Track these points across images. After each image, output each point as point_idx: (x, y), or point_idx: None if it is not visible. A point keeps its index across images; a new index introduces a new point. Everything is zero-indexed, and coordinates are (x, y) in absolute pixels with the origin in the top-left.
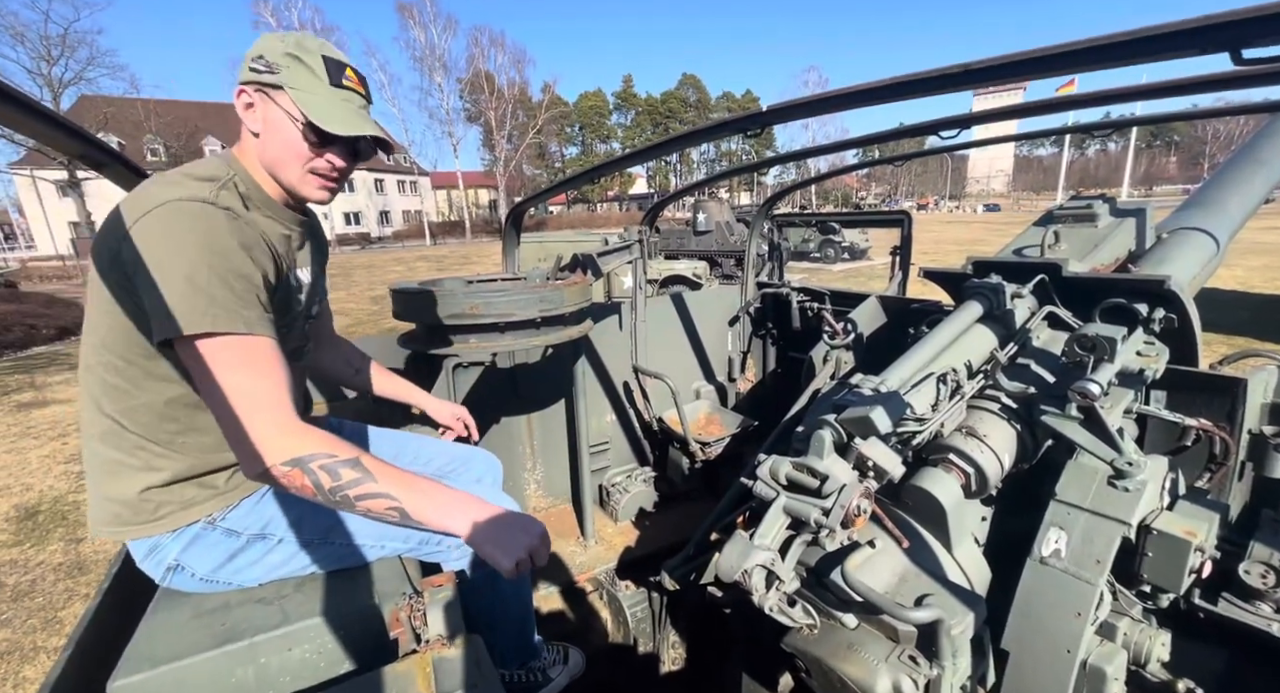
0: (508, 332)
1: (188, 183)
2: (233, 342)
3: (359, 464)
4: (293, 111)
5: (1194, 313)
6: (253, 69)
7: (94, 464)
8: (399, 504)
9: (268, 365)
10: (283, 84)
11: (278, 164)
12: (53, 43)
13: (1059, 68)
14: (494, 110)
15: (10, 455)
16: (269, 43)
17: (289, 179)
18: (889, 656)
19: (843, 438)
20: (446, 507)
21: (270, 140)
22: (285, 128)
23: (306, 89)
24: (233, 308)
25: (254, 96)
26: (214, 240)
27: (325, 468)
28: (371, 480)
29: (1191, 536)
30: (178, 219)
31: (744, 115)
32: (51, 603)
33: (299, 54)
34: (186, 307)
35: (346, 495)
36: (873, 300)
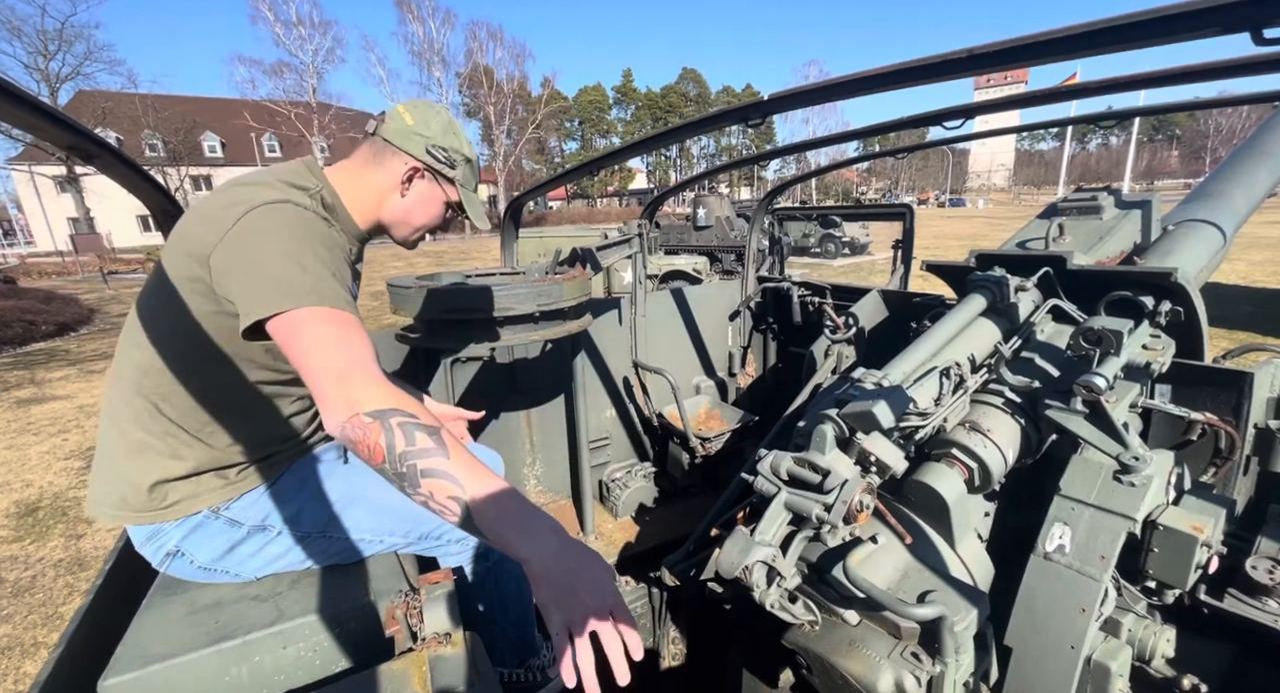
0: (506, 327)
1: (284, 188)
2: (333, 313)
3: (436, 433)
4: (451, 199)
5: (1201, 306)
6: (432, 154)
7: (117, 445)
8: (462, 496)
9: (357, 330)
10: (456, 180)
11: (406, 224)
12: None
13: (1069, 51)
14: (493, 105)
15: (10, 452)
16: (449, 137)
17: (404, 235)
18: (891, 652)
19: (845, 433)
20: (518, 521)
21: (417, 208)
22: (438, 205)
23: (467, 186)
24: (334, 288)
25: (428, 175)
26: (316, 234)
27: (403, 427)
28: (444, 456)
29: (1198, 531)
30: (281, 215)
31: (745, 105)
32: (52, 599)
33: (471, 158)
34: (291, 285)
35: (414, 466)
36: (874, 294)
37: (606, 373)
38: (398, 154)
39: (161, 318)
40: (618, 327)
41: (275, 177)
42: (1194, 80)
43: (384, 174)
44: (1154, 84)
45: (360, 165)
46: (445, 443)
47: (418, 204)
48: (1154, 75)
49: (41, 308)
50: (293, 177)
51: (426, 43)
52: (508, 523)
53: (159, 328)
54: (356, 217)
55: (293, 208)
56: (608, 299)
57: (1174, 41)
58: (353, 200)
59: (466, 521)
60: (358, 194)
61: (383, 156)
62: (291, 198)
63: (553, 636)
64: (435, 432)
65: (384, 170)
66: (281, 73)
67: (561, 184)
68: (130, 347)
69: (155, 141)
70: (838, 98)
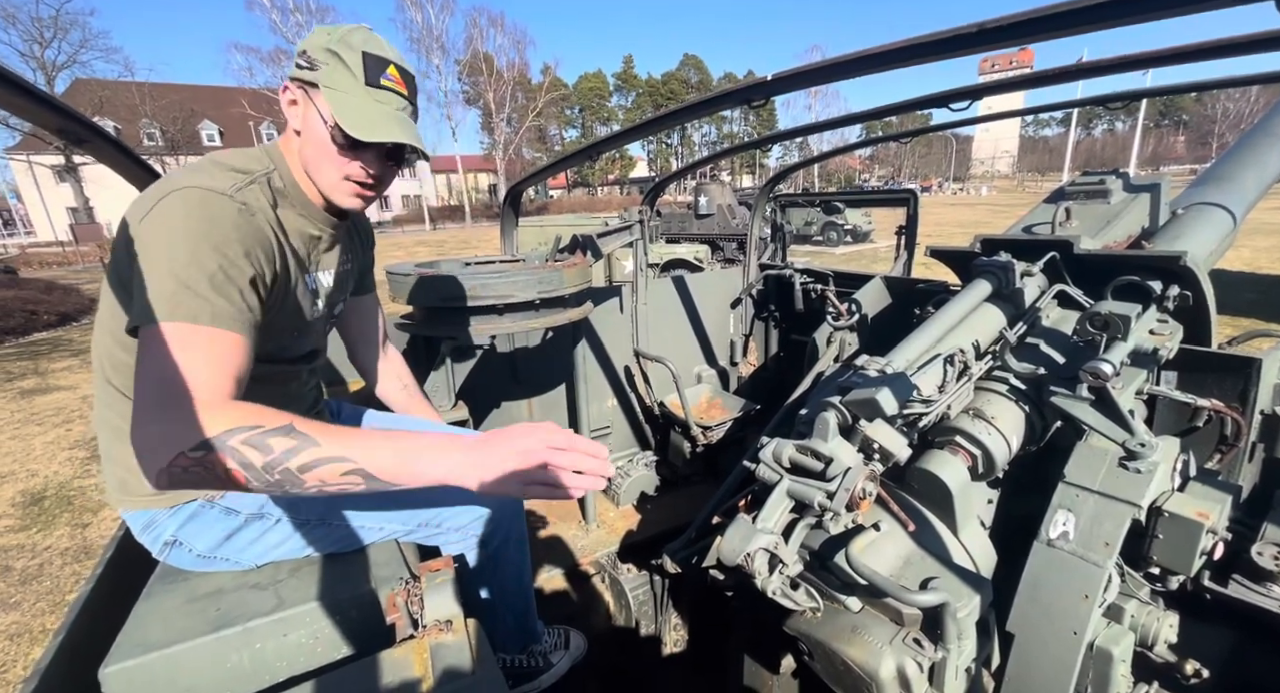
0: (506, 314)
1: (214, 171)
2: (184, 329)
3: (292, 430)
4: (325, 113)
5: (1210, 290)
6: (298, 65)
7: (104, 431)
8: (357, 465)
9: (217, 353)
10: (319, 82)
11: (312, 166)
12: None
13: (1083, 23)
14: (493, 93)
15: (15, 442)
16: (317, 37)
17: (323, 184)
18: (893, 639)
19: (847, 420)
20: (417, 453)
21: (307, 141)
22: (318, 129)
23: (341, 89)
24: (202, 298)
25: (296, 93)
26: (208, 231)
27: (250, 442)
28: (313, 445)
29: (1204, 517)
30: (178, 209)
31: (749, 85)
32: (59, 587)
33: (339, 50)
34: (155, 299)
35: (287, 469)
36: (877, 282)
37: (608, 361)
38: (280, 88)
39: (109, 304)
40: (619, 315)
41: (219, 160)
42: (1205, 58)
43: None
44: (1164, 62)
45: (288, 129)
46: (306, 431)
47: (305, 138)
48: (1164, 53)
49: (43, 298)
50: (241, 159)
51: (425, 29)
52: (410, 461)
53: (115, 313)
54: (309, 190)
55: (197, 196)
56: (609, 288)
57: (1192, 12)
58: (298, 169)
59: (374, 482)
60: (295, 161)
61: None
62: (213, 185)
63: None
64: (289, 428)
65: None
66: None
67: (561, 170)
68: (98, 332)
69: (153, 130)
70: (843, 77)
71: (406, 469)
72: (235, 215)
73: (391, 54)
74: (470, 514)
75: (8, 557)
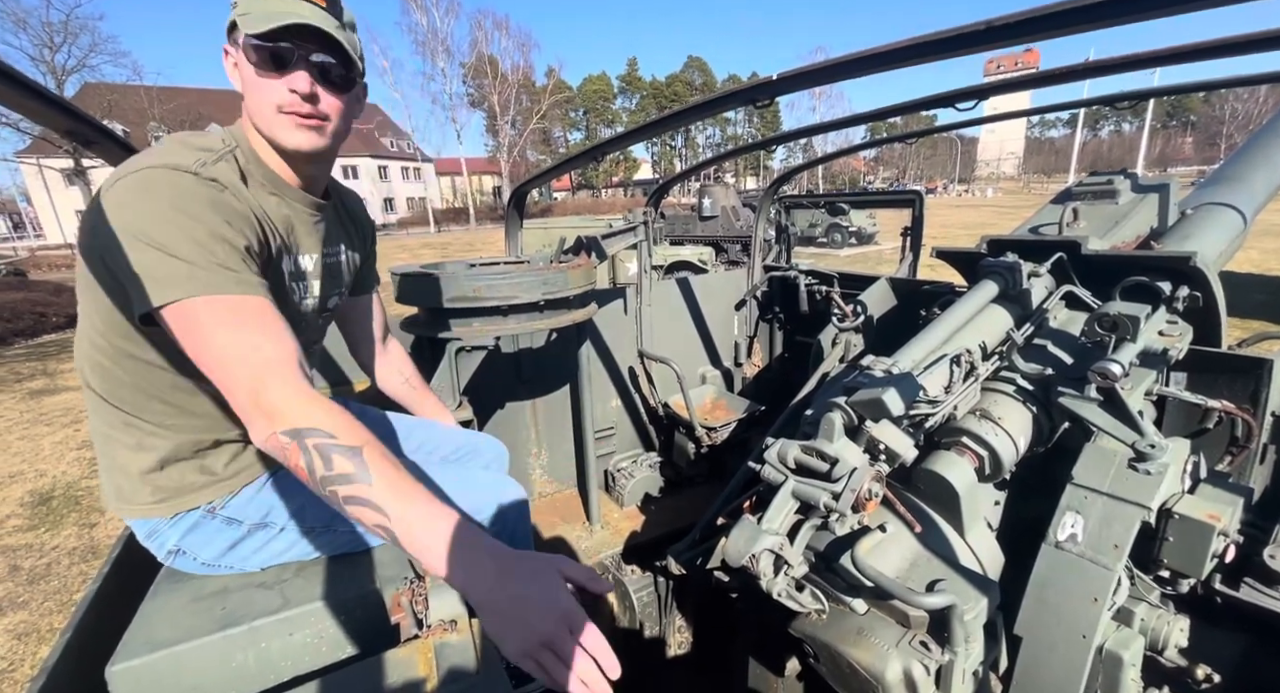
0: (511, 315)
1: (176, 150)
2: (218, 302)
3: (359, 455)
4: (246, 42)
5: (1219, 291)
6: (231, 23)
7: (96, 439)
8: (389, 525)
9: (265, 324)
10: (235, 20)
11: (254, 116)
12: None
13: (1090, 20)
14: (497, 95)
15: (24, 442)
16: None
17: (267, 128)
18: (900, 641)
19: (853, 421)
20: (450, 548)
21: (245, 91)
22: (245, 66)
23: (250, 10)
24: (213, 269)
25: (233, 52)
26: (184, 205)
27: (320, 450)
28: (366, 483)
29: (1215, 520)
30: (146, 186)
31: (754, 84)
32: (66, 586)
33: None
34: (162, 275)
35: (335, 492)
36: (883, 283)
37: (612, 363)
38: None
39: (84, 305)
40: (623, 316)
41: (180, 139)
42: (1213, 56)
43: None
44: (1171, 61)
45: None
46: (367, 464)
47: (244, 89)
48: (1171, 52)
49: (52, 300)
50: (202, 139)
51: (431, 32)
52: (439, 551)
53: (95, 314)
54: (276, 165)
55: (163, 174)
56: (613, 289)
57: (1209, 7)
58: (260, 144)
59: (394, 543)
60: (255, 135)
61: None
62: (177, 163)
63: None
64: (356, 452)
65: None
66: None
67: (567, 171)
68: (79, 341)
69: (161, 133)
70: (848, 76)
71: (431, 555)
72: (201, 188)
73: None
74: (476, 517)
75: (16, 556)
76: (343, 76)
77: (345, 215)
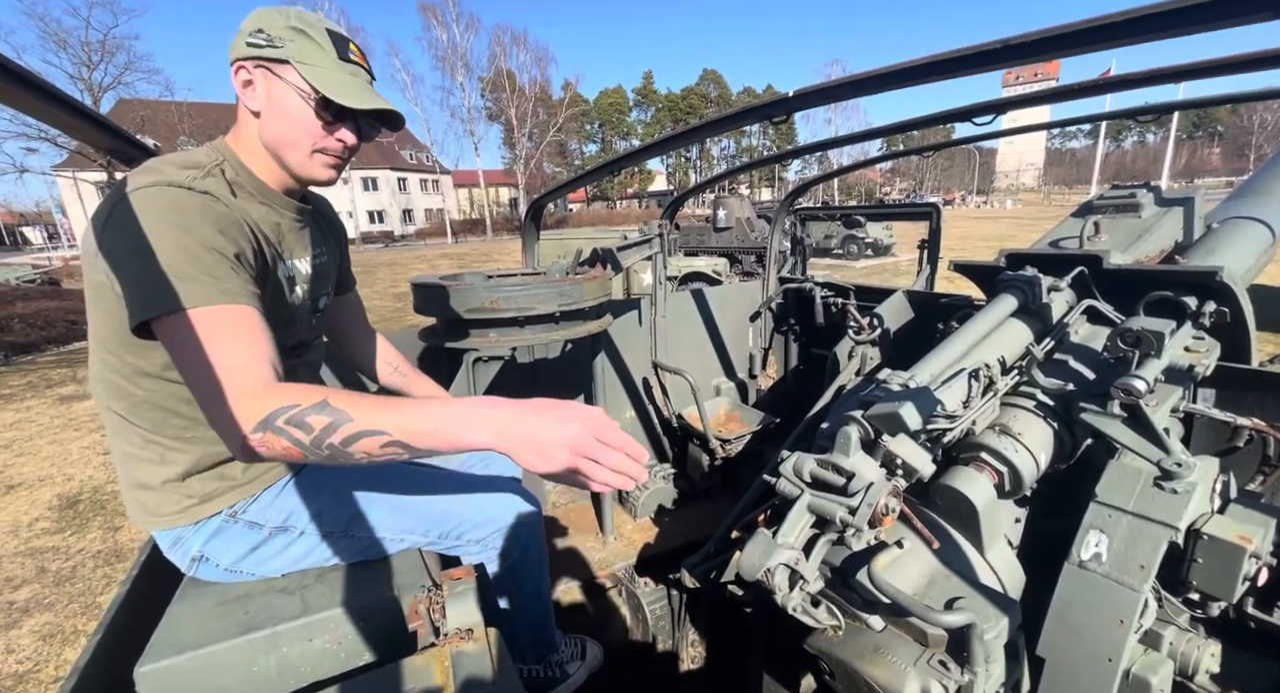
0: (527, 326)
1: (166, 169)
2: (202, 314)
3: (327, 407)
4: (302, 87)
5: (1248, 306)
6: (251, 43)
7: (116, 458)
8: (392, 437)
9: (240, 332)
10: (288, 58)
11: (283, 144)
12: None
13: (1107, 39)
14: (515, 108)
15: (53, 446)
16: (266, 17)
17: (294, 160)
18: (918, 660)
19: (870, 435)
20: (455, 421)
21: (274, 119)
22: (293, 104)
23: (315, 63)
24: (201, 280)
25: (254, 73)
26: (180, 219)
27: (293, 422)
28: (348, 420)
29: (1245, 541)
30: (143, 205)
31: (770, 101)
32: (90, 589)
33: (302, 27)
34: (152, 287)
35: (332, 444)
36: (899, 295)
37: (626, 373)
38: (233, 71)
39: (94, 328)
40: (638, 327)
41: (167, 159)
42: (1239, 71)
43: (241, 104)
44: (1195, 76)
45: (238, 116)
46: (341, 407)
47: (273, 114)
48: (1195, 67)
49: (83, 308)
50: (186, 157)
51: (450, 48)
52: (448, 430)
53: (102, 330)
54: (265, 175)
55: (159, 192)
56: (628, 300)
57: (1231, 26)
58: (251, 157)
59: (415, 452)
60: (247, 146)
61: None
62: (171, 179)
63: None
64: (323, 405)
65: (240, 101)
66: None
67: (583, 185)
68: (94, 361)
69: (190, 147)
70: (866, 93)
71: (447, 437)
72: (196, 202)
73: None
74: (490, 527)
75: (43, 558)
76: (371, 132)
77: (322, 219)
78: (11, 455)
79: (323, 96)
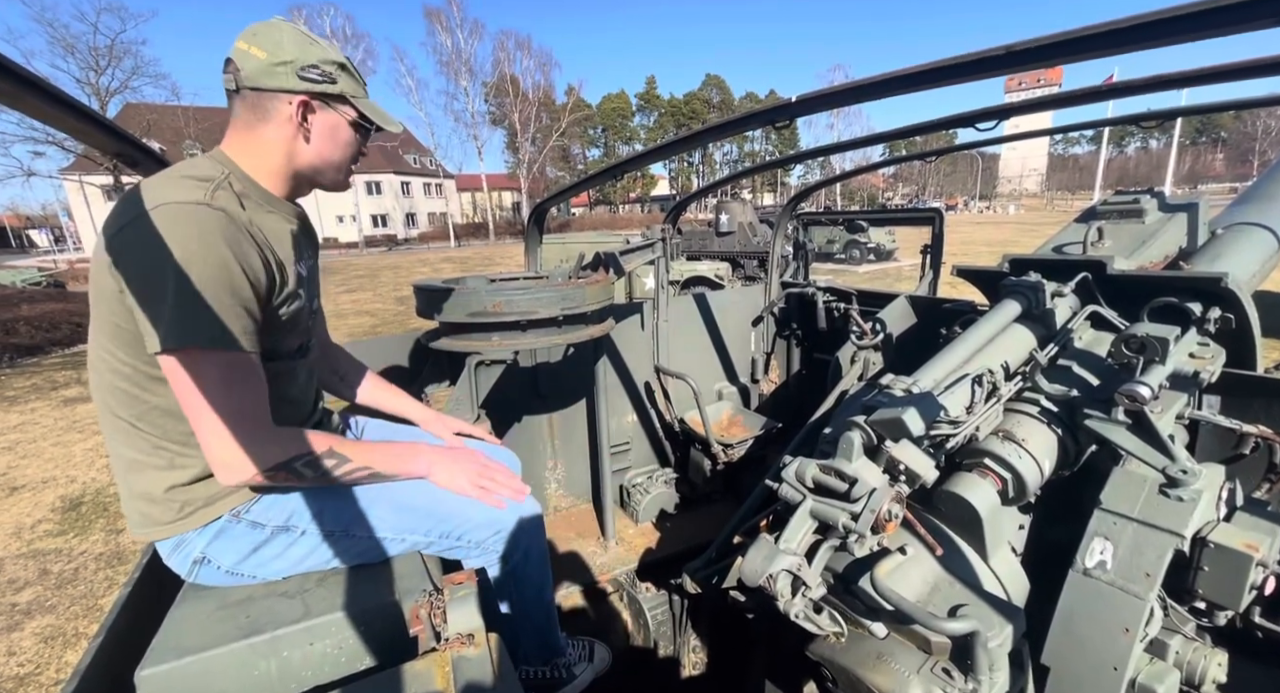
0: (530, 330)
1: (184, 184)
2: (211, 357)
3: (334, 453)
4: (356, 119)
5: (1253, 313)
6: (306, 77)
7: (118, 465)
8: (374, 471)
9: (245, 379)
10: (344, 93)
11: (328, 167)
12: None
13: (1111, 46)
14: (518, 113)
15: (57, 448)
16: (302, 48)
17: (332, 178)
18: (921, 668)
19: (873, 440)
20: (403, 458)
21: (326, 145)
22: (346, 134)
23: (360, 95)
24: (214, 323)
25: (315, 105)
26: (203, 249)
27: (308, 465)
28: (347, 462)
29: (1252, 549)
30: (169, 225)
31: (772, 107)
32: (92, 591)
33: (343, 62)
34: (170, 321)
35: (327, 477)
36: (902, 300)
37: (628, 377)
38: (275, 97)
39: (101, 337)
40: (640, 331)
41: (179, 172)
42: (1242, 77)
43: (274, 126)
44: (1198, 82)
45: (246, 129)
46: (343, 453)
47: (326, 140)
48: (1199, 73)
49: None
50: (196, 169)
51: (455, 53)
52: (398, 464)
53: (104, 350)
54: (272, 186)
55: (185, 211)
56: (630, 304)
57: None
58: (259, 169)
59: (380, 478)
60: (262, 161)
61: (262, 107)
62: (191, 197)
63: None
64: (331, 452)
65: (272, 123)
66: None
67: (586, 189)
68: (94, 368)
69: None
70: (869, 99)
71: (404, 469)
72: (221, 224)
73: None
74: (491, 529)
75: (46, 560)
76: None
77: (306, 222)
78: (15, 457)
79: (376, 126)
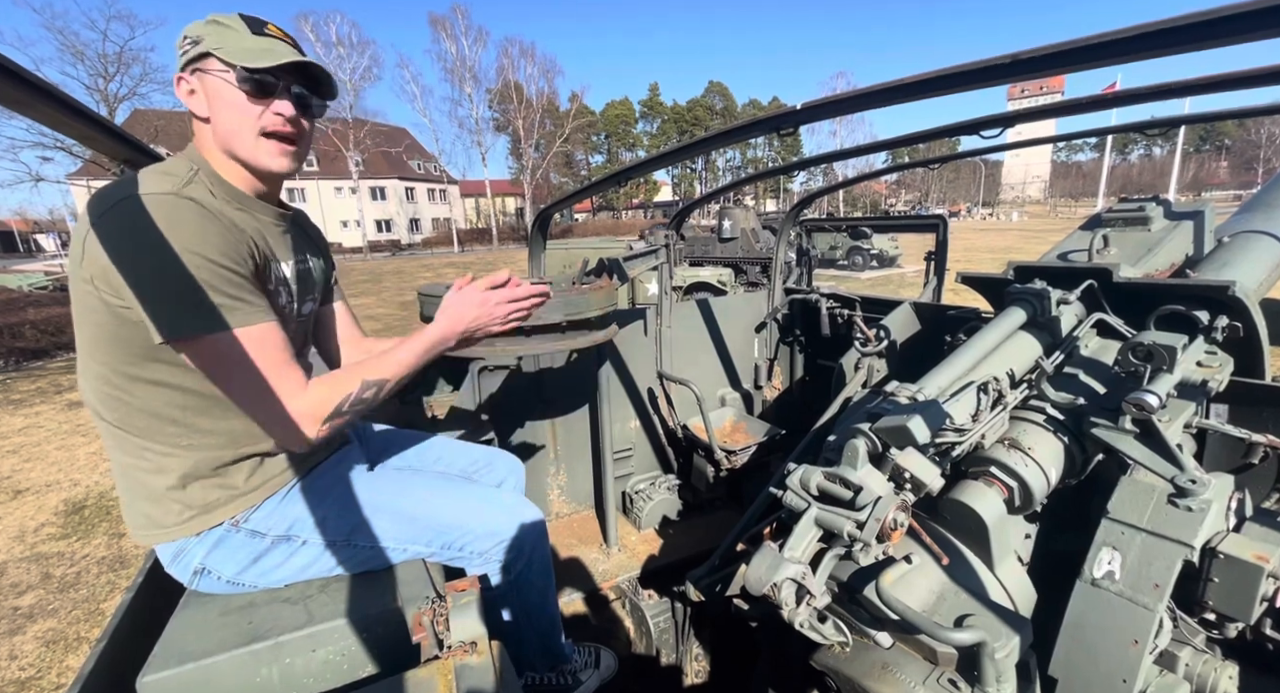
0: (533, 336)
1: (151, 177)
2: (232, 337)
3: (369, 384)
4: (223, 71)
5: (1261, 321)
6: (182, 52)
7: (115, 471)
8: (402, 376)
9: (271, 349)
10: (208, 50)
11: (231, 138)
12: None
13: (1121, 54)
14: (522, 119)
15: (60, 452)
16: (190, 26)
17: (245, 151)
18: (926, 678)
19: (877, 448)
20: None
21: (217, 115)
22: (224, 91)
23: (230, 44)
24: (223, 302)
25: (191, 79)
26: (187, 233)
27: (355, 405)
28: (383, 382)
29: (1263, 561)
30: (144, 215)
31: (777, 114)
32: (94, 595)
33: (217, 19)
34: (178, 308)
35: (377, 396)
36: (906, 307)
37: (631, 383)
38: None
39: (83, 339)
40: (643, 337)
41: (146, 170)
42: (1246, 86)
43: (193, 119)
44: (1201, 91)
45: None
46: (374, 378)
47: (215, 114)
48: (1202, 81)
49: None
50: (164, 166)
51: (459, 60)
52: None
53: (87, 351)
54: (236, 181)
55: (157, 201)
56: (633, 310)
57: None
58: (219, 164)
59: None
60: (211, 155)
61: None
62: (161, 188)
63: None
64: (366, 384)
65: (191, 116)
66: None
67: (590, 195)
68: (84, 374)
69: None
70: (873, 106)
71: (433, 352)
72: (195, 211)
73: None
74: (493, 539)
75: (49, 564)
76: (316, 105)
77: (301, 228)
78: (19, 461)
79: (242, 70)
